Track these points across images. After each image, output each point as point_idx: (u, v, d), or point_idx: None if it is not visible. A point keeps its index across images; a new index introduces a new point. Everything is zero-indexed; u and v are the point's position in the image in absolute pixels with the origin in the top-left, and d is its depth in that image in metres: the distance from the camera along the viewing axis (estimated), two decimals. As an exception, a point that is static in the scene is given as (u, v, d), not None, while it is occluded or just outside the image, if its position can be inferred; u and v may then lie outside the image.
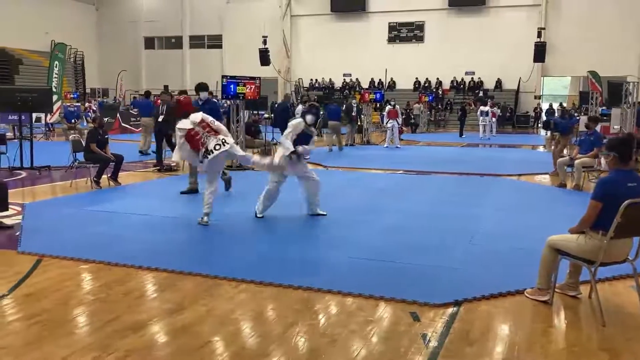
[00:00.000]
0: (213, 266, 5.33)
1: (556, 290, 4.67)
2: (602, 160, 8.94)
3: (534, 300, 4.60)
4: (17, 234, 6.54)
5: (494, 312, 4.41)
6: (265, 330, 4.03)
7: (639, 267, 4.39)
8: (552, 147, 13.86)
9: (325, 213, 7.62)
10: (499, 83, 33.94)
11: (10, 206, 7.30)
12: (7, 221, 7.04)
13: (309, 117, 7.39)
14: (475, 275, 5.24)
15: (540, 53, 30.38)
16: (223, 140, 6.84)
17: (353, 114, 19.20)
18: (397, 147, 18.99)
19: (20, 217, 7.42)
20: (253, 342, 3.84)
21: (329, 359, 3.59)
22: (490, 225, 7.35)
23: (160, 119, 12.31)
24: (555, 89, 38.23)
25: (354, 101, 20.48)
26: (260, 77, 13.25)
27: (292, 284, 4.87)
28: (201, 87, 9.84)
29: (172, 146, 12.07)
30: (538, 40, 30.37)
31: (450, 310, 4.39)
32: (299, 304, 4.51)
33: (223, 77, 12.43)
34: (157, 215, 7.59)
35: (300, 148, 7.25)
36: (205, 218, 7.02)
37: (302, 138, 7.36)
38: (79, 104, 23.13)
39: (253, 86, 12.58)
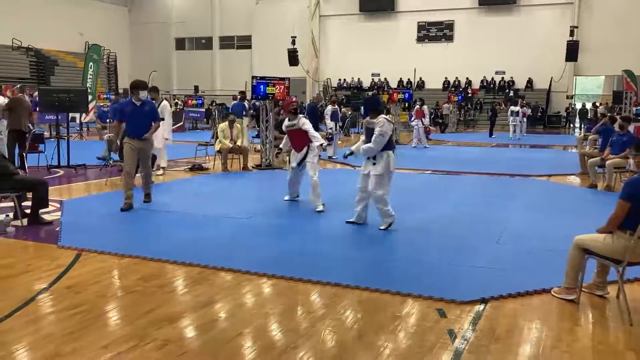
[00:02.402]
0: (244, 262, 5.48)
1: (583, 289, 4.70)
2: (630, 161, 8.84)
3: (560, 299, 4.63)
4: (57, 229, 6.81)
5: (520, 310, 4.46)
6: (294, 324, 4.16)
7: (667, 267, 4.40)
8: (582, 149, 13.61)
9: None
10: (529, 83, 33.49)
11: (49, 203, 7.59)
12: (47, 217, 7.32)
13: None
14: (501, 274, 5.29)
15: (572, 52, 29.89)
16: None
17: None
18: (425, 147, 18.98)
19: (59, 213, 7.70)
20: (282, 335, 3.97)
21: (356, 353, 3.69)
22: (517, 225, 7.35)
23: None
24: (589, 88, 37.56)
25: None
26: (289, 78, 13.40)
27: (321, 279, 4.99)
28: (140, 85, 7.98)
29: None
30: (570, 38, 29.88)
31: (476, 307, 4.46)
32: (328, 299, 4.63)
33: (253, 77, 12.62)
34: (189, 213, 7.79)
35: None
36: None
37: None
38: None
39: (282, 87, 12.73)
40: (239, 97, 17.38)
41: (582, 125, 26.22)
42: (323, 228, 7.11)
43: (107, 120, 18.91)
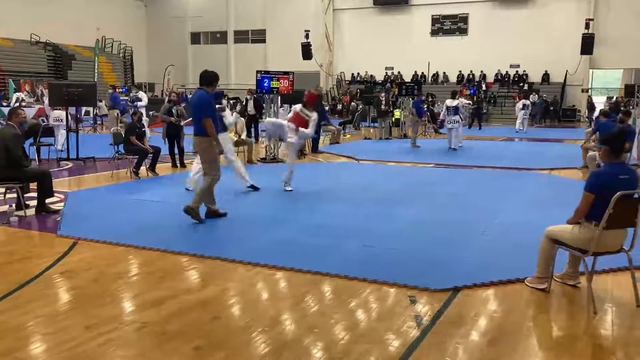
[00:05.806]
0: (230, 250, 5.72)
1: (556, 279, 4.83)
2: (630, 154, 8.85)
3: (532, 288, 4.77)
4: (58, 219, 7.09)
5: (490, 298, 4.62)
6: (272, 308, 4.37)
7: (634, 257, 4.52)
8: (585, 142, 13.58)
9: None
10: (545, 76, 33.24)
11: (55, 194, 7.91)
12: (54, 207, 7.61)
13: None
14: (479, 264, 5.44)
15: (588, 45, 29.63)
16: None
17: (382, 107, 19.35)
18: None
19: (62, 203, 8.00)
20: (259, 318, 4.17)
21: (326, 334, 3.89)
22: (508, 217, 7.46)
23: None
24: (609, 81, 37.08)
25: (382, 95, 20.17)
26: (293, 72, 13.57)
27: (302, 268, 5.20)
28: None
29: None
30: (586, 31, 29.63)
31: (448, 295, 4.62)
32: (307, 287, 4.83)
33: (257, 72, 12.83)
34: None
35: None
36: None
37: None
38: (127, 98, 24.02)
39: (286, 81, 12.93)
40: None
41: (592, 119, 26.00)
42: (315, 219, 7.28)
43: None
